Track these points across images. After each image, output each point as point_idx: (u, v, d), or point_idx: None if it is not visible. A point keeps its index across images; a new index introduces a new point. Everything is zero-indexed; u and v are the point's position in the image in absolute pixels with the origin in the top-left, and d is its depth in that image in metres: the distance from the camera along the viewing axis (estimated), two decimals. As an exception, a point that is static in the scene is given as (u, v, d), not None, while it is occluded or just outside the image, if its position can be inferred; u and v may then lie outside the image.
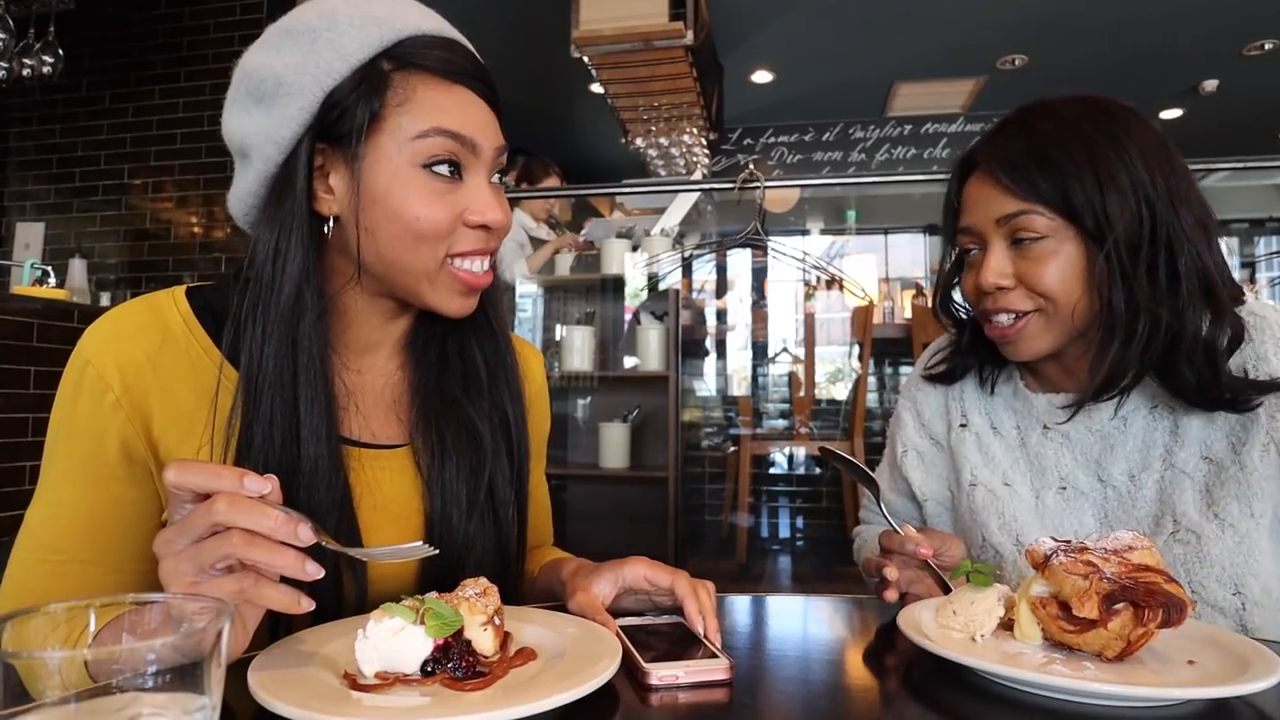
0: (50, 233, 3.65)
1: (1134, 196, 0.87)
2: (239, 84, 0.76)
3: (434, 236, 0.74)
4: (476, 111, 0.76)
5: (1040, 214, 0.89)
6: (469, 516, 0.81)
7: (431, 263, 0.75)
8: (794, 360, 4.71)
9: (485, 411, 0.85)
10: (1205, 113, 5.68)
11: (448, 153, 0.74)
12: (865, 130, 6.34)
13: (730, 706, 0.58)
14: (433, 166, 0.73)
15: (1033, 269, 0.90)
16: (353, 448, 0.79)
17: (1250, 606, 0.85)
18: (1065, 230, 0.89)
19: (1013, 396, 1.04)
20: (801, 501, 4.56)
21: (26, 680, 0.37)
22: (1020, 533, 0.97)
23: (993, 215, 0.92)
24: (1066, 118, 0.91)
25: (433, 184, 0.73)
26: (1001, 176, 0.91)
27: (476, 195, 0.76)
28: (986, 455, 1.03)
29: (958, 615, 0.69)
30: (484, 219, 0.75)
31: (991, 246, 0.93)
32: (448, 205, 0.74)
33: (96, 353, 0.72)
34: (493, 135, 0.77)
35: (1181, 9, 4.43)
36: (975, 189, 0.95)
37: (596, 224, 4.01)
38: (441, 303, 0.78)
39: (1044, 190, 0.88)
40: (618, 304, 3.80)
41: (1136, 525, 0.91)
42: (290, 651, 0.61)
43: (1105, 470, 0.94)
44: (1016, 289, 0.91)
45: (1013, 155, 0.91)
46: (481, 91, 0.77)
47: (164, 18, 3.58)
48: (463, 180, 0.76)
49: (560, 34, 3.59)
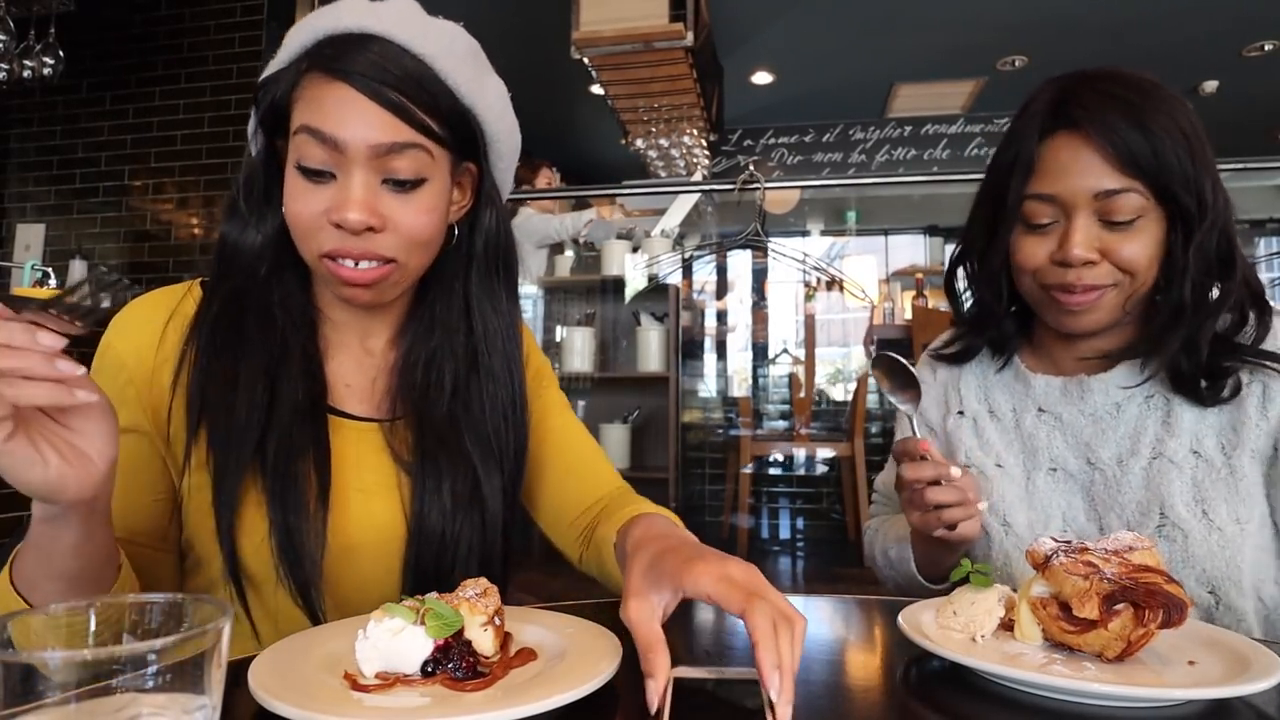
0: (51, 234, 3.65)
1: (1217, 180, 0.87)
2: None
3: (299, 231, 0.78)
4: (351, 109, 0.73)
5: (1139, 193, 0.86)
6: (452, 512, 0.83)
7: (311, 258, 0.79)
8: (794, 361, 4.71)
9: (468, 415, 0.86)
10: (1205, 113, 5.52)
11: (315, 153, 0.74)
12: (865, 131, 6.34)
13: (731, 706, 0.58)
14: (301, 165, 0.76)
15: (1121, 244, 0.87)
16: (336, 417, 0.84)
17: (1222, 609, 0.87)
18: (1156, 210, 0.87)
19: (1013, 379, 1.04)
20: (802, 502, 4.56)
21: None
22: (1007, 513, 0.98)
23: (1091, 188, 0.86)
24: (1152, 93, 0.88)
25: (302, 183, 0.76)
26: (1105, 145, 0.85)
27: (337, 194, 0.75)
28: (981, 439, 1.04)
29: (958, 615, 0.69)
30: (335, 217, 0.74)
31: (1077, 218, 0.88)
32: (312, 203, 0.76)
33: (116, 337, 0.79)
34: (367, 133, 0.73)
35: (1181, 9, 4.43)
36: (1067, 153, 0.88)
37: (597, 225, 4.01)
38: (333, 292, 0.83)
39: (1146, 167, 0.85)
40: (618, 305, 3.80)
41: (1121, 510, 0.92)
42: (290, 651, 0.61)
43: (1094, 453, 0.95)
44: (1101, 263, 0.88)
45: (1115, 120, 0.85)
46: (364, 87, 0.73)
47: (164, 19, 3.58)
48: (336, 180, 0.76)
49: (560, 35, 3.59)
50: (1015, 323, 1.03)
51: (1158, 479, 0.90)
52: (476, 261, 0.88)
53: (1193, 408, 0.91)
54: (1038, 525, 0.96)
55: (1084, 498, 0.95)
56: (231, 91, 3.48)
